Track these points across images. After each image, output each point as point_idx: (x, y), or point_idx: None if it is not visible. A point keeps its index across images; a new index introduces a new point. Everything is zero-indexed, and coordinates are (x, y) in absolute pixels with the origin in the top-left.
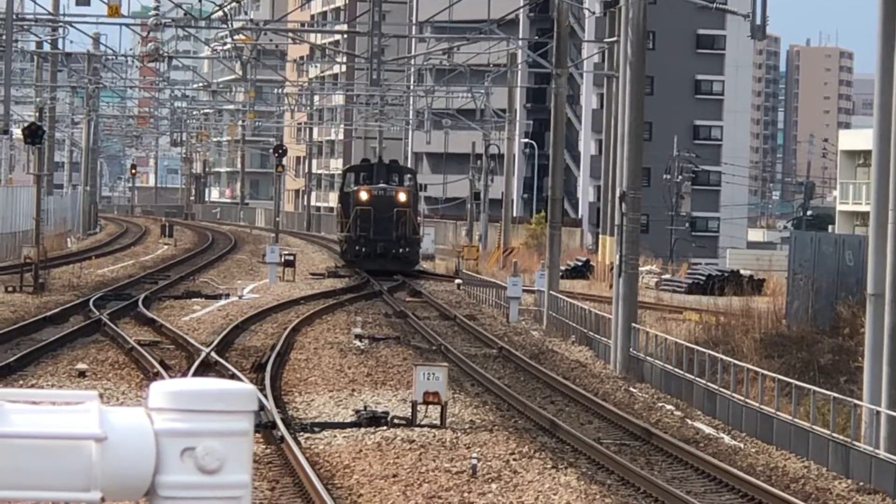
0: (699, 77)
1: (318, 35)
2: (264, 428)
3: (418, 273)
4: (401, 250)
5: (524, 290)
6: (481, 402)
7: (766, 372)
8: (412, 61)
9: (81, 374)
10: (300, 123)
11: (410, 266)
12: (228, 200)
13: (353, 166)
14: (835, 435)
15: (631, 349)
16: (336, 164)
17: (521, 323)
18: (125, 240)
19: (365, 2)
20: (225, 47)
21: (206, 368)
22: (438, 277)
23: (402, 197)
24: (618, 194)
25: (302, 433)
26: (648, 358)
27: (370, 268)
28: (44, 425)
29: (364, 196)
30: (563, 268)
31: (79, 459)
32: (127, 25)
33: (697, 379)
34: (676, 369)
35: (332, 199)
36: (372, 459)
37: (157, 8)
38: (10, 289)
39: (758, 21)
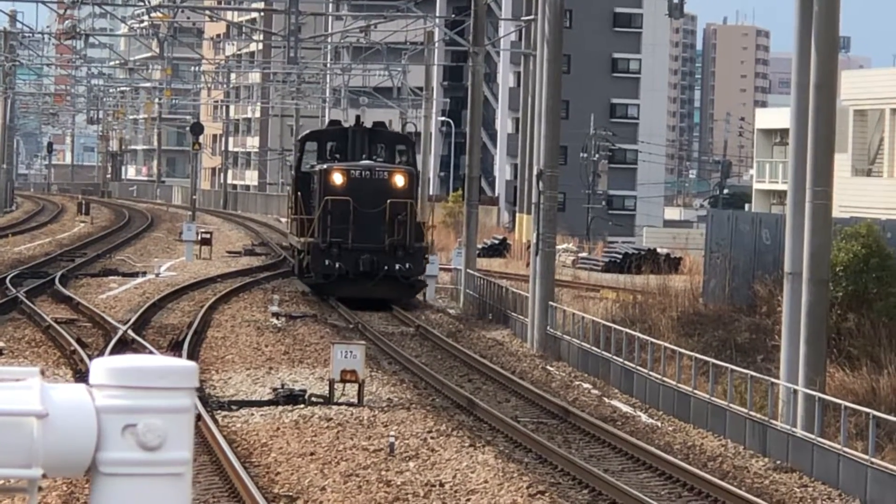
0: (616, 55)
1: (235, 13)
2: None
3: None
4: (397, 266)
5: (441, 269)
6: (399, 380)
7: (683, 350)
8: (329, 39)
9: None
10: (217, 101)
11: (411, 291)
12: (145, 178)
13: (317, 132)
14: (752, 413)
15: (548, 327)
16: (252, 142)
17: (438, 301)
18: (42, 217)
19: None
20: (142, 25)
21: (124, 346)
22: None
23: (400, 180)
24: (535, 172)
25: (219, 411)
26: (566, 336)
27: (349, 295)
28: None
29: (339, 179)
30: (480, 246)
31: (20, 436)
32: (44, 2)
33: (615, 357)
34: (594, 348)
35: (249, 178)
36: (289, 437)
37: None
38: None
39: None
